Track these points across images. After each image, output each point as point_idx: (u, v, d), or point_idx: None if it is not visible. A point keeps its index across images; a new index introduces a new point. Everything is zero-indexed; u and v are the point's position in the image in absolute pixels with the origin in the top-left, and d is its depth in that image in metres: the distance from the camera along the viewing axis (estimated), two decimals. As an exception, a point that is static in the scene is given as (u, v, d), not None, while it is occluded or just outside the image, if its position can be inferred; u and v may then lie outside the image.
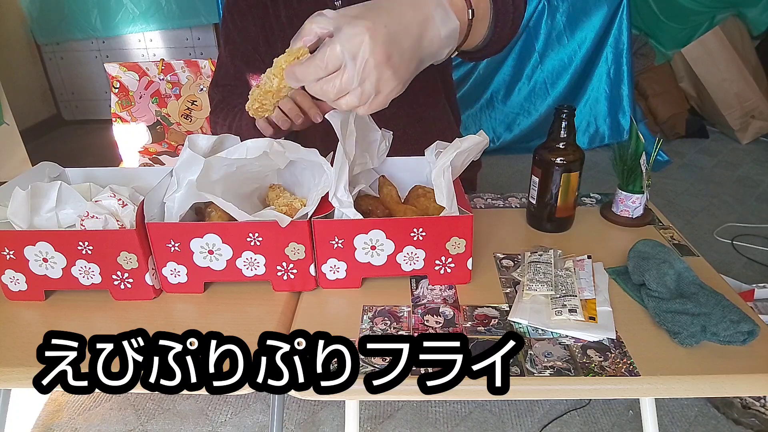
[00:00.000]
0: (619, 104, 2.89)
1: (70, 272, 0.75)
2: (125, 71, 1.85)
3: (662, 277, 0.73)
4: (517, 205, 1.05)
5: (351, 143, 0.76)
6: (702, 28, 3.01)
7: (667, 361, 0.64)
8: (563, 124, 0.87)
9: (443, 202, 0.74)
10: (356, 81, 0.55)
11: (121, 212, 0.77)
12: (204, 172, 0.72)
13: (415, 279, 0.81)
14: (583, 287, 0.76)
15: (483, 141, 0.77)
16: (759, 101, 3.02)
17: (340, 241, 0.74)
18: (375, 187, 0.88)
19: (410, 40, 0.57)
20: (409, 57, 0.58)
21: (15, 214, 0.75)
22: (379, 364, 0.65)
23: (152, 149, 1.93)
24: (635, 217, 0.95)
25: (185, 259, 0.75)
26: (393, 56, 0.56)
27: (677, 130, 3.13)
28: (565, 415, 1.34)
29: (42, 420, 1.35)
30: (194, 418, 1.35)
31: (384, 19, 0.56)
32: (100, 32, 3.35)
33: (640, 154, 0.92)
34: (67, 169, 0.91)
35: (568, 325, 0.70)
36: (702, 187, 2.61)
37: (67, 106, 3.70)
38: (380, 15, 0.56)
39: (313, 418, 1.34)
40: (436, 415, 1.34)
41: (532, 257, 0.82)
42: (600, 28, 2.75)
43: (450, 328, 0.71)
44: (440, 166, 0.74)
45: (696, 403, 1.37)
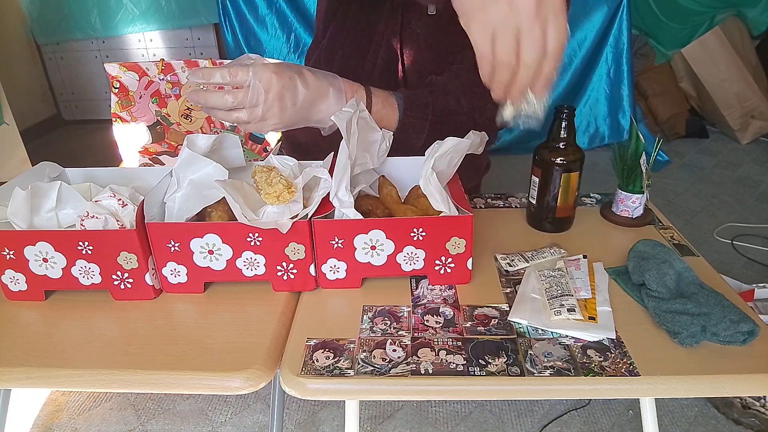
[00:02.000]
0: (619, 104, 2.89)
1: (70, 272, 0.75)
2: (125, 71, 1.85)
3: (662, 277, 0.73)
4: (517, 205, 1.05)
5: (354, 143, 0.76)
6: (702, 28, 3.01)
7: (667, 361, 0.64)
8: (563, 124, 0.87)
9: (440, 207, 0.74)
10: (253, 101, 0.70)
11: (121, 212, 0.77)
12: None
13: (415, 279, 0.81)
14: (579, 287, 0.76)
15: (465, 141, 0.77)
16: (759, 101, 3.02)
17: (340, 241, 0.74)
18: (375, 187, 0.88)
19: (303, 98, 0.74)
20: (297, 109, 0.74)
21: (15, 214, 0.75)
22: (379, 364, 0.65)
23: (152, 149, 1.93)
24: (635, 217, 0.95)
25: (185, 259, 0.75)
26: (285, 99, 0.72)
27: (677, 130, 3.13)
28: (565, 415, 1.34)
29: (42, 420, 1.35)
30: (194, 418, 1.35)
31: (292, 73, 0.72)
32: (100, 32, 3.35)
33: (640, 154, 0.92)
34: (67, 169, 0.91)
35: (568, 325, 0.70)
36: (702, 187, 2.61)
37: (67, 106, 3.70)
38: (291, 69, 0.72)
39: (313, 418, 1.34)
40: (436, 415, 1.34)
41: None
42: (600, 28, 2.75)
43: (450, 328, 0.71)
44: (424, 175, 0.75)
45: (696, 403, 1.37)
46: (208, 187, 0.77)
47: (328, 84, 0.77)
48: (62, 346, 0.69)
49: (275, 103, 0.72)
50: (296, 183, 0.76)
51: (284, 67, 0.72)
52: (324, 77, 0.78)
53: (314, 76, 0.76)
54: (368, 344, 0.68)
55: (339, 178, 0.73)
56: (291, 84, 0.72)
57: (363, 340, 0.69)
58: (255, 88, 0.70)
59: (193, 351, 0.67)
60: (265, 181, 0.75)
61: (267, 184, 0.75)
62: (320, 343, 0.68)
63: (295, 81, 0.73)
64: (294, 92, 0.73)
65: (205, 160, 0.77)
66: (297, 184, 0.76)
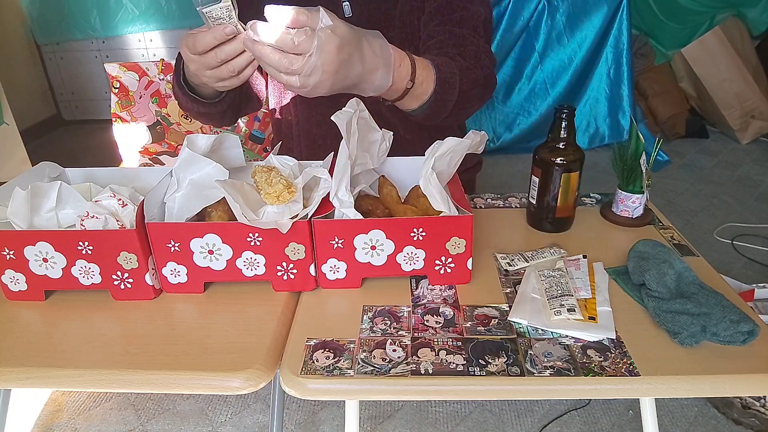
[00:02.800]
0: (619, 104, 2.89)
1: (70, 272, 0.75)
2: (125, 71, 1.85)
3: (662, 277, 0.73)
4: (517, 205, 1.05)
5: (353, 143, 0.76)
6: (702, 28, 3.01)
7: (667, 361, 0.64)
8: (563, 124, 0.87)
9: (440, 207, 0.74)
10: (308, 72, 0.67)
11: (121, 212, 0.77)
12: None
13: (415, 279, 0.81)
14: (579, 287, 0.76)
15: (465, 141, 0.77)
16: (759, 101, 3.02)
17: (340, 241, 0.74)
18: (375, 187, 0.88)
19: (356, 73, 0.73)
20: (347, 83, 0.73)
21: (15, 214, 0.75)
22: (379, 364, 0.65)
23: (152, 149, 1.93)
24: (635, 217, 0.95)
25: (185, 259, 0.75)
26: (339, 73, 0.70)
27: (677, 130, 3.13)
28: (565, 415, 1.34)
29: (42, 420, 1.35)
30: (194, 418, 1.35)
31: (352, 49, 0.70)
32: (100, 32, 3.35)
33: (640, 154, 0.92)
34: (67, 169, 0.91)
35: (568, 325, 0.70)
36: (702, 187, 2.61)
37: (67, 106, 3.70)
38: (352, 45, 0.70)
39: (313, 418, 1.34)
40: (436, 415, 1.34)
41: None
42: (600, 28, 2.75)
43: (450, 328, 0.71)
44: (424, 176, 0.75)
45: (696, 403, 1.37)
46: (208, 187, 0.77)
47: (381, 62, 0.76)
48: (62, 346, 0.69)
49: (330, 77, 0.69)
50: (296, 183, 0.76)
51: (347, 42, 0.69)
52: (380, 53, 0.76)
53: (372, 52, 0.74)
54: (368, 344, 0.68)
55: (339, 178, 0.73)
56: (349, 61, 0.70)
57: (363, 340, 0.69)
58: (314, 64, 0.67)
59: (193, 351, 0.67)
60: (265, 181, 0.75)
61: (267, 184, 0.75)
62: (320, 343, 0.68)
63: (353, 59, 0.71)
64: (349, 69, 0.71)
65: (205, 160, 0.77)
66: (297, 184, 0.76)
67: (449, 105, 0.88)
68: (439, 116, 0.90)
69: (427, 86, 0.84)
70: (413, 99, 0.84)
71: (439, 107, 0.88)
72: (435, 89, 0.84)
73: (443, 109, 0.88)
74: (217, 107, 0.93)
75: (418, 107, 0.86)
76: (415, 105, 0.86)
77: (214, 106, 0.92)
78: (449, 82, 0.86)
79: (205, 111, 0.93)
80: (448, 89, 0.86)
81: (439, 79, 0.85)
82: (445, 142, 0.77)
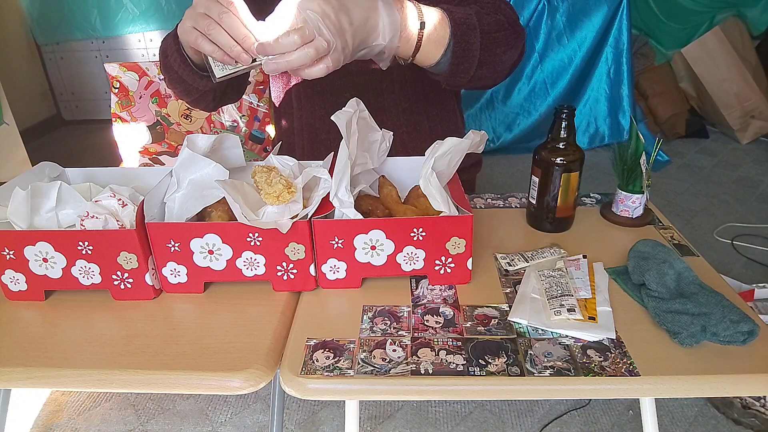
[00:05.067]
0: (619, 104, 2.89)
1: (70, 272, 0.75)
2: (125, 71, 1.85)
3: (662, 277, 0.73)
4: (517, 205, 1.05)
5: (353, 143, 0.76)
6: (702, 28, 3.01)
7: (667, 361, 0.64)
8: (563, 124, 0.87)
9: (440, 207, 0.74)
10: (314, 34, 0.66)
11: (121, 212, 0.77)
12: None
13: (415, 279, 0.81)
14: (579, 287, 0.76)
15: (465, 141, 0.77)
16: (759, 101, 3.02)
17: (340, 241, 0.74)
18: (375, 187, 0.88)
19: (356, 16, 0.69)
20: (355, 29, 0.70)
21: (15, 214, 0.75)
22: (379, 364, 0.65)
23: (152, 149, 1.93)
24: (635, 217, 0.95)
25: (185, 259, 0.75)
26: (342, 21, 0.68)
27: (677, 130, 3.13)
28: (565, 415, 1.34)
29: (42, 420, 1.35)
30: (194, 418, 1.35)
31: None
32: (100, 32, 3.35)
33: (640, 154, 0.92)
34: (67, 169, 0.91)
35: (568, 325, 0.70)
36: (702, 187, 2.61)
37: (67, 106, 3.70)
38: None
39: (313, 418, 1.34)
40: (436, 415, 1.34)
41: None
42: (600, 28, 2.75)
43: (450, 328, 0.71)
44: (424, 176, 0.74)
45: (696, 403, 1.37)
46: (208, 187, 0.77)
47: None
48: (62, 346, 0.69)
49: (336, 29, 0.67)
50: (296, 183, 0.76)
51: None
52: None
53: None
54: (368, 344, 0.68)
55: (339, 178, 0.73)
56: (338, 3, 0.68)
57: (363, 340, 0.69)
58: (311, 19, 0.66)
59: (193, 351, 0.67)
60: (265, 181, 0.75)
61: (267, 184, 0.75)
62: (320, 343, 0.68)
63: (344, 1, 0.69)
64: (346, 10, 0.69)
65: (205, 160, 0.77)
66: (297, 184, 0.76)
67: (475, 49, 0.82)
68: (470, 66, 0.83)
69: (442, 29, 0.79)
70: (432, 45, 0.79)
71: (465, 53, 0.81)
72: (452, 31, 0.79)
73: (470, 55, 0.82)
74: (203, 81, 0.87)
75: (442, 57, 0.81)
76: (437, 54, 0.80)
77: (200, 78, 0.86)
78: (466, 23, 0.81)
79: (189, 78, 0.87)
80: (468, 30, 0.80)
81: (454, 20, 0.79)
82: (445, 142, 0.77)
